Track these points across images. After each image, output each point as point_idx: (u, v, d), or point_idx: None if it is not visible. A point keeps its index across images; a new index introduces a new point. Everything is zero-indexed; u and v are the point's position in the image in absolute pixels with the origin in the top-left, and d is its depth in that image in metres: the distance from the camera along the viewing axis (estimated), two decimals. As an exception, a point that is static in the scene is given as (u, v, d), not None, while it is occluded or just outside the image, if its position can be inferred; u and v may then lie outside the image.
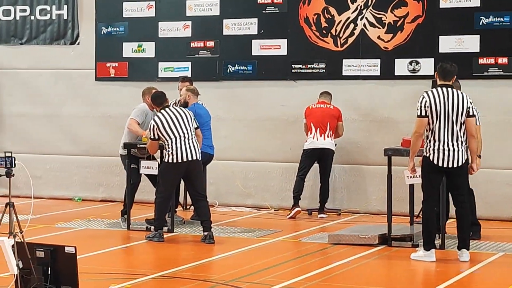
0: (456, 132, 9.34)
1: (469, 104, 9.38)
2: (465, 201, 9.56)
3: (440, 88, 9.42)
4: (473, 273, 8.98)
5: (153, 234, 10.66)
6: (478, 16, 12.55)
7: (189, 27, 14.12)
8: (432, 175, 9.45)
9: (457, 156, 9.34)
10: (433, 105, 9.31)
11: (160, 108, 10.77)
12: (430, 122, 9.34)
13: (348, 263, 9.42)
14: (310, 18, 13.47)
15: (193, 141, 10.61)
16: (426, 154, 9.43)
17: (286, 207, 13.39)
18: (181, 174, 10.64)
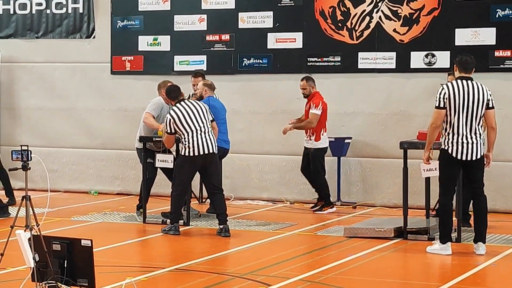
0: (474, 125, 9.30)
1: (489, 97, 9.34)
2: (482, 194, 9.52)
3: (460, 81, 9.36)
4: (489, 266, 8.96)
5: (169, 227, 10.68)
6: (494, 8, 12.50)
7: (205, 20, 14.12)
8: (450, 168, 9.41)
9: (475, 148, 9.31)
10: (452, 97, 9.26)
11: (176, 102, 10.78)
12: (448, 114, 9.30)
13: (364, 256, 9.41)
14: (325, 11, 13.45)
15: (209, 134, 10.62)
16: (444, 147, 9.39)
17: (301, 200, 13.40)
18: (197, 167, 10.65)
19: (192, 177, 10.98)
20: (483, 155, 9.40)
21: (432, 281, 8.41)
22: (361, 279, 8.44)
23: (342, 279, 8.37)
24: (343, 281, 8.29)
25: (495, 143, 9.57)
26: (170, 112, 10.67)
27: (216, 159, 10.76)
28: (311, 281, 8.20)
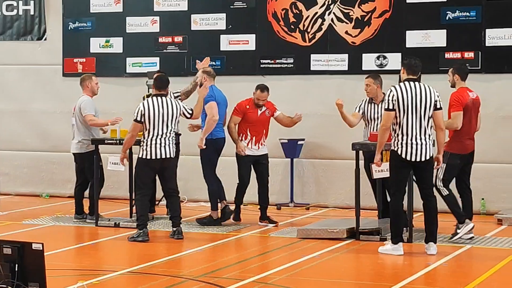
0: (423, 126, 9.41)
1: (437, 98, 9.46)
2: (432, 195, 9.63)
3: (408, 83, 9.49)
4: (441, 266, 9.05)
5: (137, 234, 10.49)
6: (444, 10, 12.64)
7: (157, 22, 14.09)
8: (400, 169, 9.51)
9: (424, 150, 9.42)
10: (401, 99, 9.37)
11: (156, 94, 10.60)
12: (397, 116, 9.40)
13: (316, 257, 9.45)
14: (278, 13, 13.49)
15: (170, 139, 10.52)
16: (394, 148, 9.49)
17: (256, 202, 13.39)
18: (155, 169, 10.57)
19: (153, 179, 10.90)
20: (432, 156, 9.51)
21: (384, 281, 8.47)
22: (314, 280, 8.48)
23: (295, 280, 8.40)
24: (296, 282, 8.33)
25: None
26: (143, 103, 10.54)
27: (173, 163, 10.69)
28: (264, 282, 8.22)
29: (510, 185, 12.45)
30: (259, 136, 11.64)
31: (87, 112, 11.54)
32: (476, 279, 8.36)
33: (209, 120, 11.23)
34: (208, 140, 11.29)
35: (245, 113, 11.60)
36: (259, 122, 11.67)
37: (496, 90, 12.50)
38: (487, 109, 12.44)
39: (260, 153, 11.70)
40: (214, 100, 11.29)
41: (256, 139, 11.65)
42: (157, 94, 10.59)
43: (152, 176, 10.76)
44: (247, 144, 11.61)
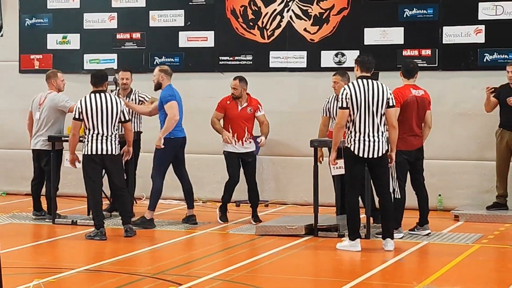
0: (376, 123, 9.47)
1: (389, 95, 9.53)
2: (387, 192, 9.69)
3: (361, 80, 9.56)
4: (398, 262, 9.11)
5: (95, 233, 10.37)
6: (402, 8, 12.72)
7: (115, 18, 14.01)
8: (354, 166, 9.56)
9: (377, 146, 9.47)
10: (354, 96, 9.43)
11: (94, 90, 10.48)
12: (351, 113, 9.46)
13: (275, 253, 9.46)
14: (236, 10, 13.48)
15: (112, 136, 10.40)
16: (347, 145, 9.54)
17: (214, 199, 13.40)
18: (99, 165, 10.43)
19: (100, 175, 10.75)
20: (386, 153, 9.56)
21: (342, 277, 8.50)
22: (273, 276, 8.49)
23: (254, 277, 8.40)
24: (254, 279, 8.33)
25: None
26: (81, 100, 10.40)
27: (117, 160, 10.50)
28: (222, 279, 8.21)
29: (467, 181, 12.57)
30: (241, 133, 11.42)
31: (71, 102, 11.40)
32: (432, 274, 8.42)
33: (170, 120, 11.15)
34: (167, 139, 11.22)
35: (226, 109, 11.51)
36: (239, 119, 11.44)
37: (452, 87, 12.61)
38: (443, 106, 12.56)
39: (245, 150, 11.46)
40: (174, 99, 11.22)
41: (238, 135, 11.41)
42: (95, 91, 10.46)
43: (98, 170, 10.52)
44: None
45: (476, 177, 12.53)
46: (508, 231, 10.95)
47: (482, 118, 12.30)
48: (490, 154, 12.13)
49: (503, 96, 11.75)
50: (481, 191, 12.45)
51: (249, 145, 11.48)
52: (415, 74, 10.54)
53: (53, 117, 11.54)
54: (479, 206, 12.14)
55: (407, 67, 10.59)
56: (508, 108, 11.71)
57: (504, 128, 11.79)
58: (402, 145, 10.21)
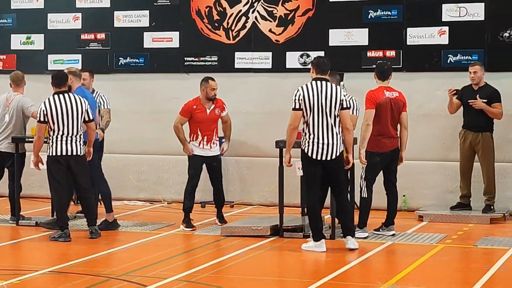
0: (330, 124, 9.50)
1: (343, 97, 9.55)
2: (344, 193, 9.74)
3: (314, 82, 9.61)
4: (363, 262, 9.15)
5: (59, 234, 10.29)
6: (366, 9, 12.78)
7: (79, 19, 13.93)
8: (311, 167, 9.59)
9: (331, 148, 9.50)
10: (307, 98, 9.47)
11: (57, 91, 10.37)
12: (304, 115, 9.49)
13: (240, 254, 9.47)
14: (202, 10, 13.47)
15: (77, 136, 10.34)
16: (302, 147, 9.58)
17: (179, 200, 13.35)
18: (64, 166, 10.35)
19: (64, 177, 10.65)
20: (340, 155, 9.60)
21: (306, 278, 8.52)
22: (238, 277, 8.49)
23: (219, 278, 8.40)
24: (219, 280, 8.33)
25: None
26: (45, 102, 10.31)
27: (82, 160, 10.41)
28: (187, 280, 8.20)
29: (431, 182, 12.66)
30: (210, 135, 11.25)
31: (34, 108, 11.31)
32: (397, 274, 8.47)
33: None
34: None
35: (193, 113, 11.18)
36: (209, 121, 11.24)
37: (417, 88, 12.68)
38: (408, 107, 12.56)
39: (212, 153, 11.26)
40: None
41: (208, 138, 11.23)
42: (57, 92, 10.38)
43: (63, 172, 10.39)
44: (199, 144, 11.20)
45: (440, 178, 12.62)
46: (471, 231, 11.04)
47: (446, 119, 12.40)
48: (454, 155, 12.23)
49: (466, 97, 11.85)
50: (445, 192, 12.55)
51: (215, 148, 11.35)
52: (389, 76, 10.61)
53: (19, 120, 11.48)
54: (443, 206, 12.24)
55: (381, 68, 10.65)
56: (471, 109, 11.81)
57: (467, 129, 11.89)
58: (375, 147, 10.27)
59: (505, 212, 11.92)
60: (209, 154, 11.30)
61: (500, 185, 12.05)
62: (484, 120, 11.75)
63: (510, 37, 12.22)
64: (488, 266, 8.80)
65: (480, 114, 11.75)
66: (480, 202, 11.88)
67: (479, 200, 11.89)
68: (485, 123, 11.76)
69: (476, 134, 11.79)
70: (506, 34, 12.24)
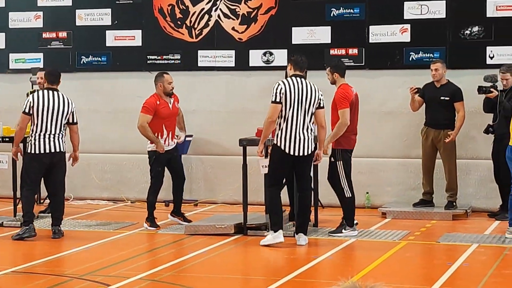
0: (306, 121, 9.57)
1: (321, 96, 9.65)
2: (308, 189, 9.81)
3: (294, 78, 9.63)
4: (326, 259, 9.18)
5: (23, 230, 10.20)
6: (329, 7, 12.82)
7: (41, 17, 13.83)
8: (281, 162, 9.64)
9: (306, 145, 9.56)
10: (288, 93, 9.51)
11: (48, 87, 10.33)
12: (283, 109, 9.52)
13: (204, 253, 9.45)
14: (164, 8, 13.42)
15: (59, 134, 10.30)
16: (276, 142, 9.60)
17: (142, 199, 13.30)
18: (45, 165, 10.29)
19: (41, 176, 10.59)
20: (313, 151, 9.65)
21: (270, 275, 8.53)
22: (202, 276, 8.47)
23: (183, 277, 8.38)
24: (183, 278, 8.31)
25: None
26: (33, 95, 10.25)
27: (63, 157, 10.42)
28: (151, 279, 8.17)
29: (394, 179, 12.73)
30: (173, 130, 11.12)
31: None
32: (361, 271, 8.51)
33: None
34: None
35: (157, 110, 10.97)
36: (172, 116, 11.10)
37: (379, 86, 12.75)
38: (371, 105, 12.70)
39: (171, 147, 11.13)
40: None
41: (172, 133, 11.09)
42: (48, 88, 10.36)
43: (41, 171, 10.37)
44: (165, 141, 11.01)
45: (402, 175, 12.70)
46: (434, 228, 11.12)
47: (408, 117, 12.47)
48: (416, 152, 12.31)
49: (428, 95, 11.93)
50: (408, 189, 12.63)
51: (174, 141, 11.22)
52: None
53: None
54: (405, 203, 12.31)
55: (342, 65, 10.72)
56: (433, 106, 11.90)
57: (429, 126, 11.97)
58: (346, 144, 10.32)
59: (467, 208, 12.02)
60: (170, 148, 11.14)
61: (462, 182, 12.15)
62: (446, 117, 11.84)
63: (471, 35, 12.33)
64: (451, 262, 8.87)
65: (442, 111, 11.84)
66: (442, 199, 11.97)
67: (441, 197, 11.98)
68: (447, 121, 11.85)
69: (438, 131, 11.87)
70: (467, 32, 12.34)
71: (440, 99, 11.82)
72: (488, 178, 12.10)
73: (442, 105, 11.82)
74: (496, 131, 11.49)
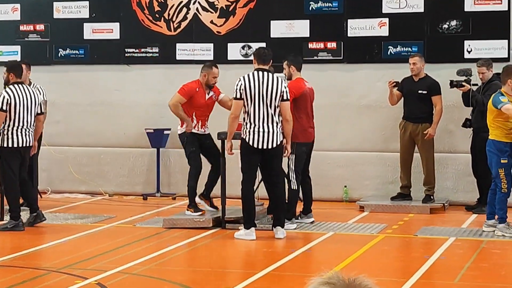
0: (270, 114, 9.59)
1: (284, 89, 9.64)
2: (280, 182, 9.81)
3: (256, 72, 9.69)
4: (305, 252, 9.20)
5: (13, 224, 10.18)
6: (307, 1, 12.81)
7: (18, 10, 13.73)
8: (250, 156, 9.68)
9: (272, 137, 9.58)
10: (248, 88, 9.55)
11: (17, 81, 10.27)
12: (246, 104, 9.55)
13: (182, 246, 9.44)
14: (142, 1, 13.37)
15: (30, 129, 10.28)
16: (243, 136, 9.65)
17: (120, 192, 13.29)
18: (20, 158, 10.28)
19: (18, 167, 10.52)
20: (280, 144, 9.66)
21: (249, 269, 8.54)
22: (180, 269, 8.47)
23: (161, 270, 8.36)
24: (161, 272, 8.29)
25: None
26: (7, 91, 10.20)
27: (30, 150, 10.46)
28: (129, 273, 8.15)
29: (372, 172, 12.75)
30: (204, 120, 10.93)
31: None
32: (339, 264, 8.53)
33: None
34: None
35: (193, 96, 10.77)
36: (206, 107, 10.91)
37: (358, 80, 12.76)
38: (349, 98, 12.73)
39: (204, 133, 10.89)
40: None
41: (202, 123, 10.90)
42: (18, 82, 10.30)
43: (18, 163, 10.33)
44: (194, 126, 10.83)
45: (380, 169, 12.73)
46: (411, 221, 11.16)
47: (387, 110, 12.50)
48: (395, 146, 12.34)
49: (406, 89, 11.97)
50: (386, 182, 12.66)
51: (207, 129, 10.98)
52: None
53: None
54: (383, 197, 12.35)
55: (300, 59, 10.80)
56: (411, 100, 11.94)
57: (408, 120, 12.01)
58: (302, 137, 10.33)
59: (445, 202, 12.07)
60: (202, 132, 10.89)
61: (440, 175, 12.20)
62: (424, 111, 11.88)
63: (449, 29, 12.37)
64: (428, 256, 8.91)
65: (420, 105, 11.88)
66: (420, 193, 12.01)
67: (419, 191, 12.02)
68: (425, 114, 11.89)
69: (416, 125, 11.91)
70: (445, 26, 12.38)
71: (418, 92, 11.86)
72: (465, 171, 12.16)
73: (420, 99, 11.86)
74: (473, 124, 11.57)
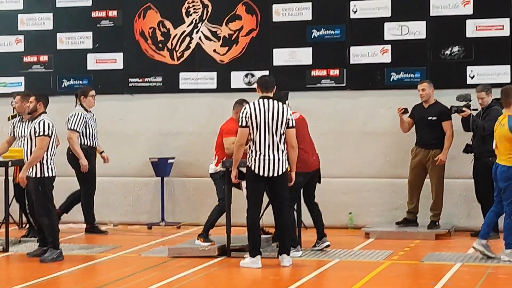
0: (276, 142, 9.60)
1: (289, 116, 9.67)
2: (285, 209, 9.80)
3: (261, 100, 9.71)
4: (310, 280, 9.16)
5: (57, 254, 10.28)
6: (310, 29, 12.87)
7: (22, 41, 13.81)
8: (255, 184, 9.68)
9: (277, 165, 9.59)
10: (254, 116, 9.57)
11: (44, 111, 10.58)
12: (251, 132, 9.57)
13: (188, 275, 9.42)
14: (145, 31, 13.44)
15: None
16: (248, 164, 9.65)
17: (125, 222, 13.28)
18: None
19: None
20: (286, 171, 9.65)
21: (255, 297, 8.52)
22: (186, 298, 8.44)
23: (167, 300, 8.34)
24: (167, 301, 8.27)
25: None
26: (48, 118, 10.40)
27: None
28: (135, 303, 8.12)
29: (377, 199, 12.74)
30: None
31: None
32: (345, 291, 8.50)
33: None
34: None
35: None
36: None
37: (361, 106, 12.79)
38: (352, 125, 12.75)
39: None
40: None
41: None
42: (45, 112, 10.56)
43: None
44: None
45: (386, 195, 12.70)
46: (418, 248, 11.13)
47: (391, 137, 12.52)
48: (400, 172, 12.34)
49: (417, 115, 12.01)
50: (391, 209, 12.63)
51: None
52: None
53: None
54: (389, 223, 12.32)
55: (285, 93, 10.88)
56: (422, 127, 11.97)
57: (419, 146, 12.02)
58: (301, 167, 10.21)
59: (450, 227, 12.05)
60: None
61: (444, 201, 12.16)
62: (434, 137, 11.89)
63: (451, 55, 12.41)
64: (435, 282, 8.87)
65: (430, 131, 11.90)
66: (425, 218, 11.98)
67: (424, 216, 12.00)
68: (435, 141, 11.89)
69: (427, 151, 11.93)
70: (448, 52, 12.42)
71: (428, 119, 11.88)
72: (470, 197, 12.13)
73: (430, 125, 11.88)
74: (474, 150, 11.59)
